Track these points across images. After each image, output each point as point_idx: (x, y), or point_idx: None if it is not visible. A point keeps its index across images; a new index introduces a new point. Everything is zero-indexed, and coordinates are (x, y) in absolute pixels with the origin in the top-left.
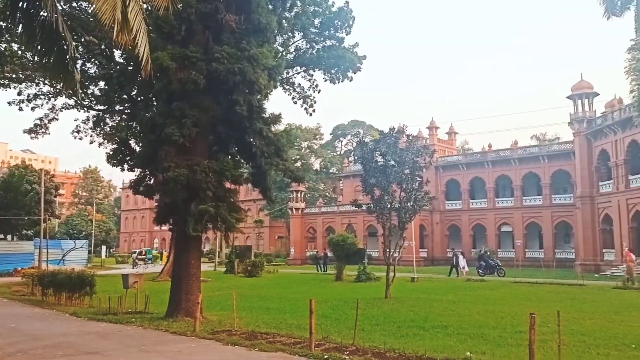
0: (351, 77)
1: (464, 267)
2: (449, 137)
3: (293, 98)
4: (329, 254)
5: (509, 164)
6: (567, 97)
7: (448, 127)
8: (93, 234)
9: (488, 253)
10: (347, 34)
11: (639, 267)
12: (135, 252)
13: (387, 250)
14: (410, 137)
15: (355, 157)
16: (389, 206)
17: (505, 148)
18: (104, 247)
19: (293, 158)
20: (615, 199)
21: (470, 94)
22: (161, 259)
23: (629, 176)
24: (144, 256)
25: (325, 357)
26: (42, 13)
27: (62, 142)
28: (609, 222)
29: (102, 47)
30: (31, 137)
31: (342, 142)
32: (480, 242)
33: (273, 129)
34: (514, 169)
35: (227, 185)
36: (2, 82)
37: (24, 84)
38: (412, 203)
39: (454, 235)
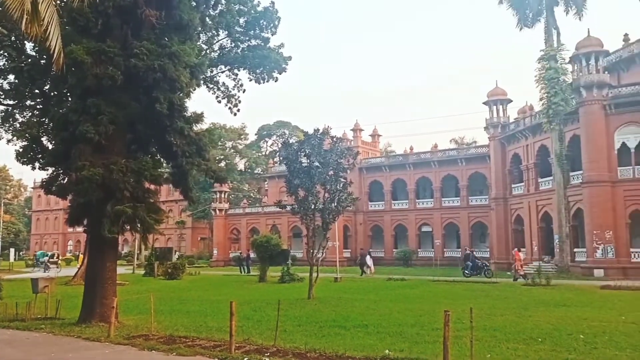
0: (276, 77)
1: (369, 267)
2: (372, 139)
3: (217, 97)
4: (252, 255)
5: (429, 166)
6: (483, 103)
7: (372, 130)
8: (0, 236)
9: (474, 253)
10: (272, 34)
11: (540, 264)
12: (46, 255)
13: (311, 250)
14: (335, 139)
15: (280, 158)
16: (312, 207)
17: (426, 151)
18: (12, 250)
19: (217, 158)
20: (526, 200)
21: (394, 96)
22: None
23: (539, 179)
24: (56, 259)
25: (245, 359)
26: None
27: None
28: (521, 222)
29: (12, 38)
30: None
31: (267, 142)
32: (402, 242)
33: (195, 128)
34: (433, 171)
35: (147, 185)
36: None
37: None
38: (335, 204)
39: (376, 235)
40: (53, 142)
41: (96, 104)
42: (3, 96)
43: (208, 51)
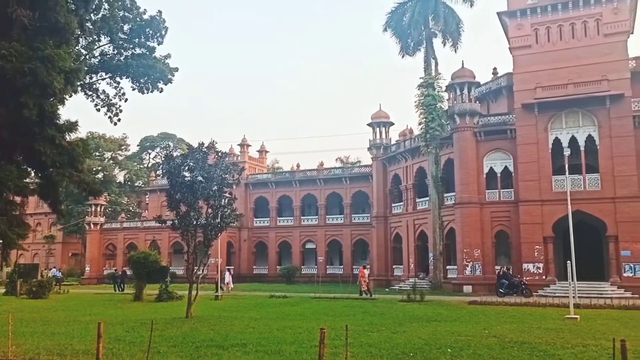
0: (161, 88)
1: (228, 283)
2: (260, 155)
3: (96, 105)
4: (129, 272)
5: (315, 184)
6: (368, 125)
7: (260, 145)
8: None
9: (510, 270)
10: (158, 44)
11: (415, 280)
12: None
13: (191, 267)
14: (220, 154)
15: (163, 171)
16: (194, 223)
17: (312, 169)
18: None
19: (94, 169)
20: (405, 219)
21: (282, 113)
22: None
23: (417, 199)
24: None
25: None
26: None
27: None
28: (400, 240)
29: None
30: None
31: (150, 154)
32: (286, 259)
33: (69, 137)
34: (319, 188)
35: (11, 197)
36: None
37: None
38: (219, 220)
39: (261, 252)
40: None
41: None
42: None
43: (88, 57)
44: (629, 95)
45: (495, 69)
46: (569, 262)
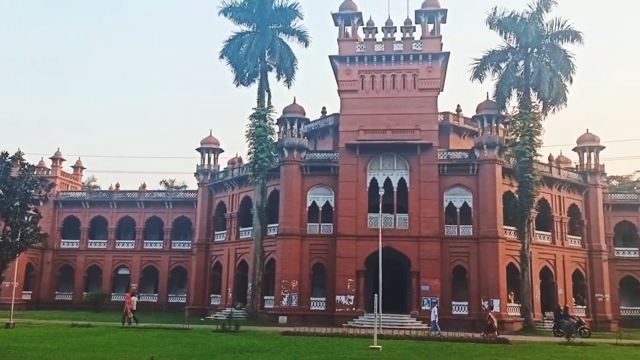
0: None
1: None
2: (75, 171)
3: None
4: None
5: (134, 206)
6: (197, 149)
7: (75, 161)
8: None
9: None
10: None
11: (232, 310)
12: None
13: None
14: (27, 166)
15: None
16: None
17: (133, 190)
18: None
19: None
20: (227, 248)
21: (106, 129)
22: None
23: (240, 228)
24: None
25: None
26: None
27: None
28: (220, 268)
29: None
30: None
31: None
32: (95, 284)
33: None
34: (139, 211)
35: None
36: None
37: None
38: (18, 239)
39: (66, 276)
40: None
41: None
42: None
43: None
44: (436, 145)
45: (324, 108)
46: (376, 295)
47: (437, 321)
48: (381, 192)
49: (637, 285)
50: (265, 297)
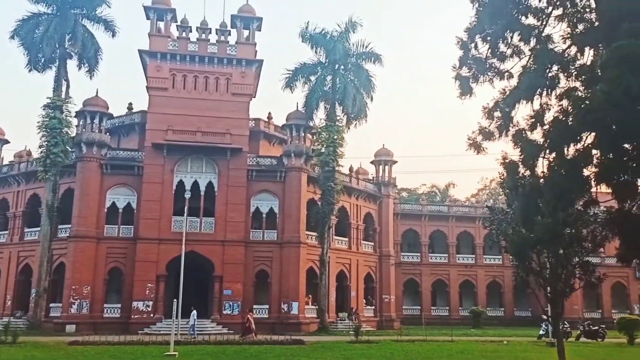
0: None
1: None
2: None
3: None
4: None
5: None
6: None
7: None
8: None
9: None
10: None
11: (10, 320)
12: None
13: None
14: None
15: None
16: None
17: None
18: None
19: None
20: (7, 250)
21: None
22: None
23: (25, 229)
24: None
25: None
26: None
27: None
28: None
29: None
30: None
31: None
32: None
33: None
34: None
35: None
36: None
37: None
38: None
39: None
40: None
41: None
42: None
43: None
44: (246, 151)
45: (130, 104)
46: (175, 300)
47: (195, 325)
48: (187, 195)
49: (418, 287)
50: (52, 305)
